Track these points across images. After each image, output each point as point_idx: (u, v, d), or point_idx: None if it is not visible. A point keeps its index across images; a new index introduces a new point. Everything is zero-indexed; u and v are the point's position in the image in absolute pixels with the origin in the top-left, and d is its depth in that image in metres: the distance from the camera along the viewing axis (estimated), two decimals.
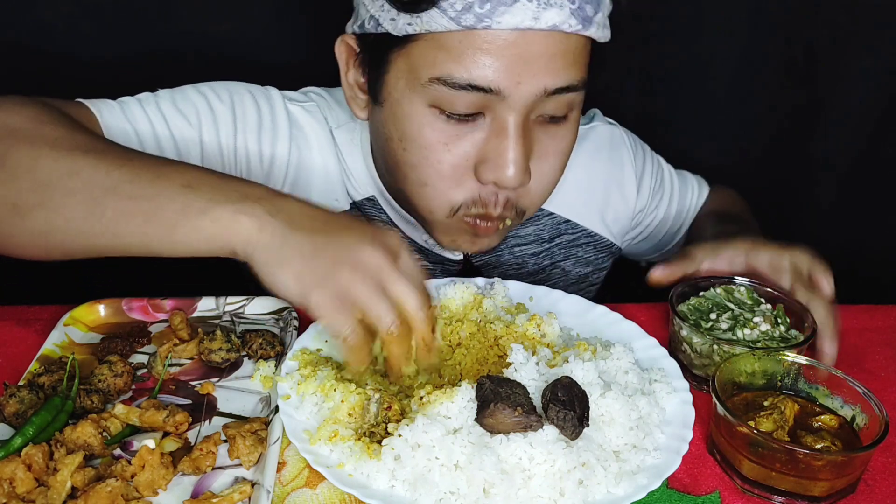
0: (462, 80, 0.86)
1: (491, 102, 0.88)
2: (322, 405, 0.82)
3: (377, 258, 0.73)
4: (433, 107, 0.89)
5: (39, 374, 0.86)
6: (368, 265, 0.73)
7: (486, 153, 0.91)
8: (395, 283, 0.73)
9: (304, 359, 0.89)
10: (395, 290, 0.73)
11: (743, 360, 0.85)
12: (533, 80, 0.86)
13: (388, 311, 0.73)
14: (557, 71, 0.87)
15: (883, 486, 0.79)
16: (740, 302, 0.98)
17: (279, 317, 1.03)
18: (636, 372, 0.86)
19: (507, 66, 0.85)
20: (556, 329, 0.94)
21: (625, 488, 0.73)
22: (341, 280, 0.71)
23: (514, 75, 0.85)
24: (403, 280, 0.74)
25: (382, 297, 0.73)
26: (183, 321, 0.96)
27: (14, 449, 0.76)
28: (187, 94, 1.04)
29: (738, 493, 0.78)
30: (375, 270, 0.73)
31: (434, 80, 0.87)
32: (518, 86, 0.86)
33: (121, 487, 0.71)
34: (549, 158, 0.96)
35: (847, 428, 0.81)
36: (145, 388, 0.90)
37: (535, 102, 0.89)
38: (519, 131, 0.89)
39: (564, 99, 0.91)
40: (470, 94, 0.87)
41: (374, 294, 0.72)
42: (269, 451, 0.77)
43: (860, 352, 1.01)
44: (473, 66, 0.85)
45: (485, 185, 0.93)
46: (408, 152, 0.93)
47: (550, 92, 0.88)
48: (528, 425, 0.74)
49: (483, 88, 0.86)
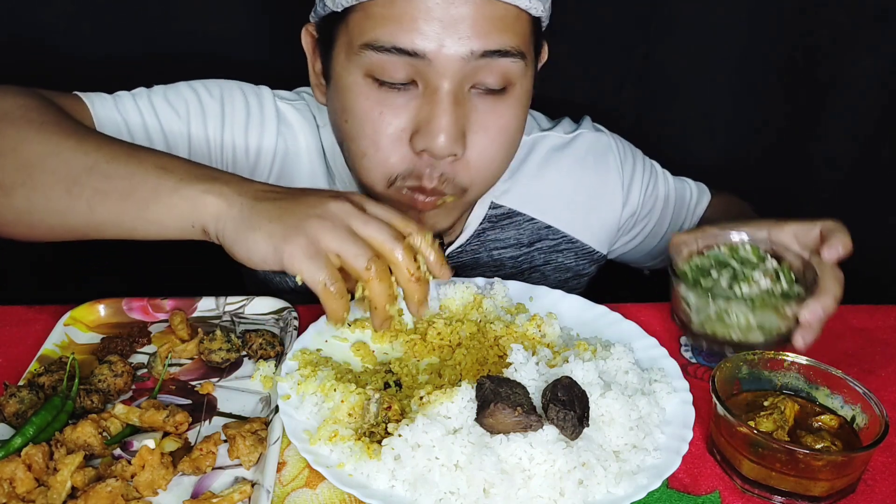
0: (388, 44, 0.88)
1: (421, 68, 0.89)
2: (322, 405, 0.82)
3: (343, 207, 0.76)
4: (367, 76, 0.92)
5: (39, 374, 0.86)
6: (336, 213, 0.75)
7: (419, 122, 0.92)
8: (365, 224, 0.75)
9: (304, 359, 0.89)
10: (366, 230, 0.75)
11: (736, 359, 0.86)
12: (458, 43, 0.88)
13: (362, 249, 0.74)
14: (485, 34, 0.88)
15: (883, 486, 0.79)
16: (745, 259, 0.95)
17: (279, 317, 1.03)
18: (636, 372, 0.86)
19: (431, 29, 0.87)
20: (556, 329, 0.95)
21: (625, 488, 0.73)
22: (310, 230, 0.73)
23: (438, 38, 0.87)
24: (372, 220, 0.76)
25: (354, 238, 0.74)
26: (183, 321, 0.96)
27: (14, 449, 0.76)
28: (179, 90, 1.08)
29: (738, 493, 0.78)
30: (343, 217, 0.75)
31: (364, 45, 0.90)
32: (442, 49, 0.87)
33: (121, 487, 0.71)
34: (489, 132, 0.95)
35: (847, 428, 0.81)
36: (145, 388, 0.90)
37: (464, 68, 0.89)
38: (450, 98, 0.90)
39: (498, 67, 0.91)
40: (398, 59, 0.89)
41: (344, 237, 0.74)
42: (269, 451, 0.77)
43: (860, 352, 1.01)
44: (398, 29, 0.87)
45: (420, 157, 0.94)
46: (348, 124, 0.96)
47: (479, 55, 0.89)
48: (528, 425, 0.74)
49: (407, 51, 0.88)
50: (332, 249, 0.74)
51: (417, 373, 0.90)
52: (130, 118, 1.02)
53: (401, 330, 0.97)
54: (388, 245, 0.75)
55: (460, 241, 1.19)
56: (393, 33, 0.87)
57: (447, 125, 0.90)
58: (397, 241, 0.76)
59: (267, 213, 0.75)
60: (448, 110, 0.90)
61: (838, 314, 1.07)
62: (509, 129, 0.98)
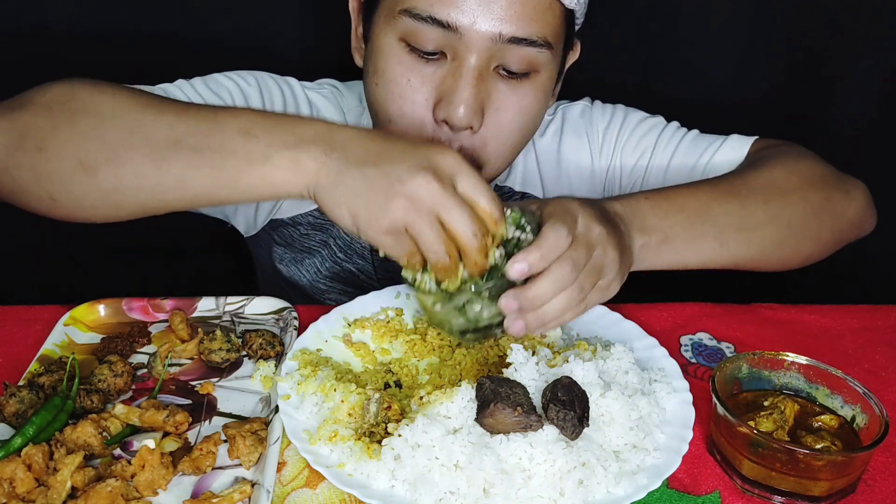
0: (424, 13, 0.92)
1: (451, 41, 0.93)
2: (322, 405, 0.82)
3: (430, 188, 0.73)
4: (402, 40, 0.95)
5: (39, 374, 0.86)
6: (422, 197, 0.73)
7: (443, 92, 0.95)
8: (449, 211, 0.74)
9: (304, 359, 0.89)
10: (449, 218, 0.74)
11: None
12: (489, 23, 0.91)
13: (438, 244, 0.74)
14: (515, 19, 0.92)
15: (883, 486, 0.79)
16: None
17: (279, 317, 1.03)
18: (636, 372, 0.86)
19: (467, 5, 0.91)
20: (557, 331, 0.95)
21: (625, 488, 0.73)
22: (395, 215, 0.73)
23: (472, 15, 0.91)
24: (457, 208, 0.74)
25: (434, 228, 0.74)
26: (183, 321, 0.96)
27: (14, 449, 0.76)
28: (217, 79, 1.11)
29: (738, 493, 0.78)
30: (428, 201, 0.73)
31: (403, 11, 0.94)
32: (474, 26, 0.91)
33: (121, 487, 0.71)
34: (508, 113, 0.98)
35: (847, 428, 0.81)
36: (145, 388, 0.90)
37: (492, 48, 0.93)
38: (475, 73, 0.94)
39: (524, 53, 0.94)
40: (431, 29, 0.92)
41: (424, 226, 0.74)
42: (269, 451, 0.77)
43: (860, 352, 1.01)
44: (437, 0, 0.91)
45: (440, 127, 0.97)
46: (378, 87, 0.99)
47: (507, 39, 0.92)
48: (528, 425, 0.74)
49: (442, 23, 0.92)
50: (412, 234, 0.75)
51: (417, 373, 0.91)
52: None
53: (401, 330, 0.98)
54: (465, 241, 0.75)
55: None
56: (431, 3, 0.92)
57: (468, 98, 0.93)
58: (475, 236, 0.75)
59: (353, 186, 0.75)
60: (471, 83, 0.94)
61: (838, 314, 1.08)
62: (527, 112, 1.00)
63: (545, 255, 0.76)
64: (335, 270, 1.24)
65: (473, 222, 0.74)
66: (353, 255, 1.23)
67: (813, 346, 1.01)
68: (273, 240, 1.25)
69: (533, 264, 0.75)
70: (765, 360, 0.86)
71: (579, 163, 1.24)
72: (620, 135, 1.22)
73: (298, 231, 1.23)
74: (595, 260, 0.79)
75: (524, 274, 0.76)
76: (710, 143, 1.16)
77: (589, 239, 0.79)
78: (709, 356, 1.00)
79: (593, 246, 0.79)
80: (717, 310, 1.09)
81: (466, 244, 0.75)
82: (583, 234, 0.79)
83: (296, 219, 1.22)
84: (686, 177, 1.17)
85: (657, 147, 1.19)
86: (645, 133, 1.21)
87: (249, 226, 1.26)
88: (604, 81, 1.40)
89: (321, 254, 1.24)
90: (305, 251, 1.24)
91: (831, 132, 1.61)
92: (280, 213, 1.22)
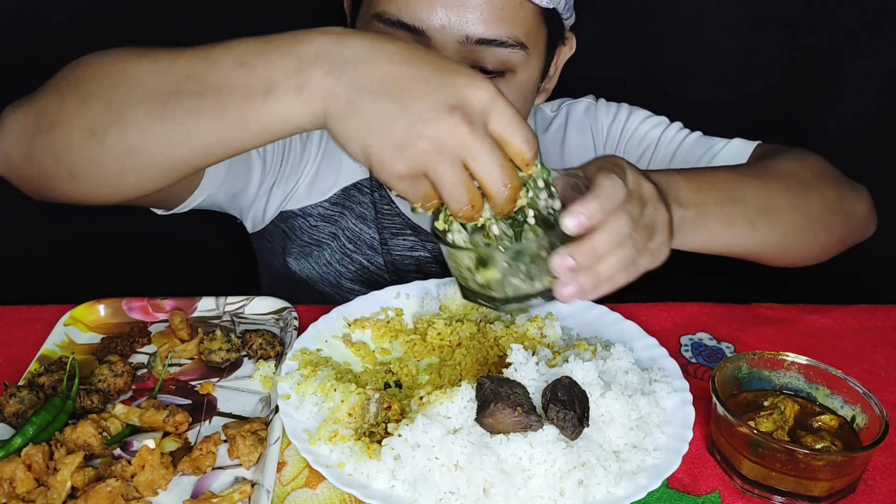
0: (393, 17, 0.92)
1: (422, 44, 0.92)
2: (322, 405, 0.82)
3: (458, 132, 0.64)
4: None
5: (39, 374, 0.86)
6: (447, 141, 0.64)
7: None
8: (477, 158, 0.65)
9: (304, 359, 0.89)
10: (477, 165, 0.66)
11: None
12: (457, 26, 0.92)
13: (463, 193, 0.67)
14: (483, 21, 0.92)
15: (883, 486, 0.79)
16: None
17: (279, 317, 1.03)
18: (636, 372, 0.86)
19: (434, 9, 0.91)
20: (557, 331, 0.95)
21: (625, 488, 0.73)
22: (414, 159, 0.65)
23: (439, 18, 0.91)
24: (488, 154, 0.65)
25: (458, 175, 0.66)
26: (183, 321, 0.96)
27: (14, 449, 0.76)
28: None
29: (738, 493, 0.78)
30: (455, 146, 0.65)
31: (374, 15, 0.94)
32: (443, 29, 0.92)
33: (121, 487, 0.71)
34: None
35: (847, 428, 0.81)
36: (145, 388, 0.90)
37: (462, 50, 0.93)
38: None
39: (496, 54, 0.95)
40: (402, 34, 0.92)
41: (448, 174, 0.66)
42: (269, 451, 0.77)
43: (860, 352, 1.01)
44: (405, 5, 0.92)
45: None
46: None
47: (476, 41, 0.93)
48: (528, 425, 0.74)
49: (410, 27, 0.92)
50: (432, 179, 0.67)
51: (417, 373, 0.91)
52: None
53: (401, 330, 0.98)
54: (494, 190, 0.67)
55: None
56: (399, 8, 0.92)
57: None
58: (505, 184, 0.67)
59: (367, 120, 0.66)
60: None
61: (838, 314, 1.08)
62: None
63: (604, 204, 0.69)
64: (345, 262, 1.24)
65: (504, 170, 0.67)
66: (362, 245, 1.23)
67: (813, 346, 1.01)
68: (282, 232, 1.25)
69: (592, 215, 0.68)
70: (765, 360, 0.86)
71: (583, 159, 1.24)
72: (624, 132, 1.23)
73: (308, 223, 1.23)
74: (647, 217, 0.73)
75: (582, 227, 0.68)
76: (713, 145, 1.16)
77: (641, 194, 0.73)
78: (709, 356, 1.00)
79: (645, 202, 0.74)
80: (717, 310, 1.09)
81: (495, 194, 0.67)
82: (635, 190, 0.73)
83: (305, 210, 1.22)
84: None
85: (660, 145, 1.20)
86: (648, 131, 1.21)
87: (257, 220, 1.26)
88: (602, 81, 1.40)
89: (331, 246, 1.24)
90: (314, 243, 1.24)
91: (830, 132, 1.60)
92: (290, 204, 1.22)
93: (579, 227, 0.68)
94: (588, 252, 0.69)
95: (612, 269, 0.71)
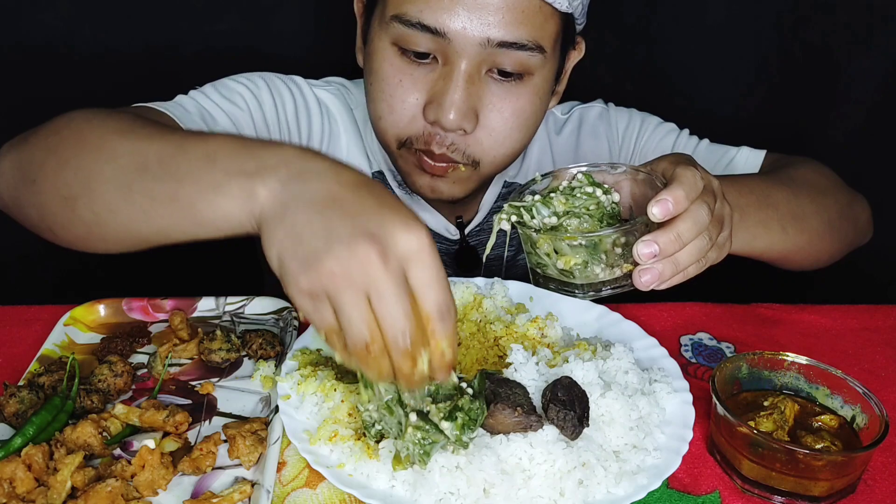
0: (413, 19, 0.93)
1: (442, 46, 0.94)
2: (322, 405, 0.82)
3: (366, 262, 0.60)
4: (394, 44, 0.97)
5: (39, 374, 0.86)
6: (352, 269, 0.61)
7: (434, 95, 0.97)
8: (380, 297, 0.61)
9: (304, 359, 0.89)
10: (378, 306, 0.62)
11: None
12: (478, 28, 0.92)
13: (360, 328, 0.62)
14: (504, 25, 0.93)
15: (883, 486, 0.79)
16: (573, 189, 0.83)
17: (279, 317, 1.03)
18: (636, 372, 0.86)
19: (455, 12, 0.92)
20: (557, 331, 0.95)
21: (625, 488, 0.73)
22: (318, 277, 0.62)
23: (461, 21, 0.92)
24: (392, 296, 0.61)
25: (359, 309, 0.62)
26: (183, 321, 0.96)
27: (14, 449, 0.76)
28: (228, 85, 1.11)
29: (738, 493, 0.78)
30: (361, 275, 0.61)
31: (393, 17, 0.95)
32: (464, 31, 0.92)
33: (121, 487, 0.71)
34: (503, 113, 1.00)
35: (847, 428, 0.81)
36: (145, 388, 0.90)
37: (482, 53, 0.94)
38: (465, 77, 0.95)
39: (515, 57, 0.95)
40: (422, 35, 0.94)
41: (348, 303, 0.62)
42: (269, 451, 0.77)
43: (860, 352, 1.01)
44: (426, 7, 0.93)
45: (432, 126, 0.98)
46: (372, 86, 1.02)
47: (496, 44, 0.93)
48: (528, 425, 0.74)
49: (431, 29, 0.93)
50: (333, 306, 0.63)
51: None
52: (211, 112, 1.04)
53: None
54: (389, 336, 0.63)
55: (477, 219, 1.23)
56: (420, 10, 0.93)
57: (458, 101, 0.95)
58: (403, 335, 0.62)
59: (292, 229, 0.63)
60: (461, 87, 0.95)
61: (838, 314, 1.08)
62: (522, 114, 1.01)
63: (688, 193, 0.72)
64: None
65: (406, 319, 0.62)
66: None
67: (813, 346, 1.01)
68: None
69: (678, 202, 0.71)
70: (765, 360, 0.87)
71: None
72: (640, 137, 1.25)
73: None
74: (718, 210, 0.76)
75: (668, 214, 0.71)
76: (725, 152, 1.21)
77: (712, 188, 0.77)
78: (709, 356, 1.00)
79: (716, 195, 0.77)
80: (717, 310, 1.09)
81: (390, 343, 0.62)
82: (707, 184, 0.76)
83: None
84: None
85: (675, 150, 1.22)
86: (662, 137, 1.24)
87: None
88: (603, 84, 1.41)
89: None
90: None
91: (830, 133, 1.61)
92: None
93: (666, 213, 0.71)
94: (673, 238, 0.72)
95: (690, 258, 0.73)
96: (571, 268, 0.77)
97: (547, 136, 1.26)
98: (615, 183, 0.83)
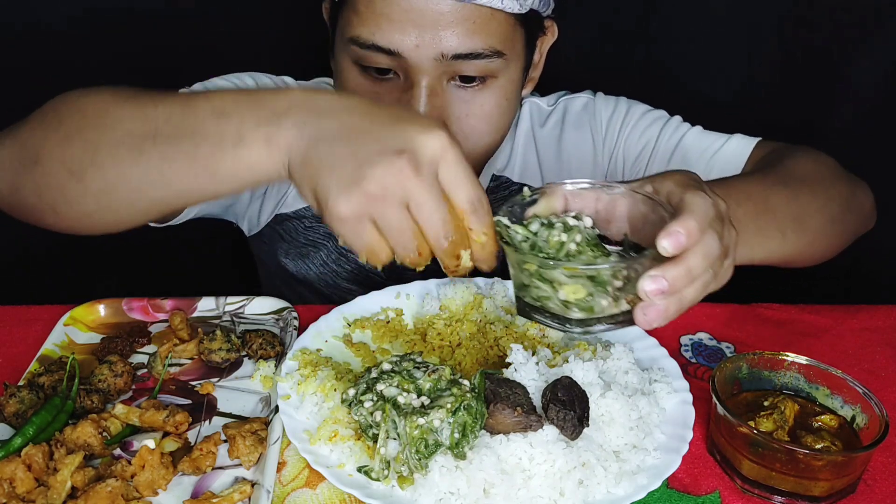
0: (367, 42, 0.94)
1: (400, 63, 0.95)
2: (322, 405, 0.82)
3: (402, 175, 0.64)
4: (355, 63, 0.99)
5: (39, 374, 0.86)
6: (390, 184, 0.64)
7: None
8: (420, 205, 0.65)
9: (304, 359, 0.89)
10: (418, 213, 0.66)
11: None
12: (432, 44, 0.93)
13: (408, 238, 0.66)
14: (457, 37, 0.93)
15: (883, 486, 0.79)
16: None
17: (279, 317, 1.03)
18: (636, 372, 0.86)
19: (407, 31, 0.92)
20: (558, 332, 0.95)
21: (625, 488, 0.73)
22: (356, 201, 0.65)
23: (413, 39, 0.92)
24: (430, 202, 0.65)
25: (402, 221, 0.65)
26: (183, 321, 0.96)
27: (14, 449, 0.76)
28: (216, 83, 1.11)
29: (738, 493, 0.78)
30: (398, 190, 0.64)
31: (349, 39, 0.96)
32: (417, 49, 0.93)
33: (121, 487, 0.71)
34: (471, 119, 1.01)
35: (847, 428, 0.81)
36: (145, 388, 0.90)
37: (440, 66, 0.95)
38: (426, 91, 0.96)
39: (475, 65, 0.96)
40: (377, 55, 0.95)
41: (392, 219, 0.65)
42: (269, 451, 0.77)
43: (860, 352, 1.01)
44: (377, 29, 0.93)
45: None
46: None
47: (451, 57, 0.94)
48: (528, 425, 0.74)
49: (385, 50, 0.94)
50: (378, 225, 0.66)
51: None
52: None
53: (401, 330, 0.98)
54: (432, 240, 0.67)
55: None
56: (373, 32, 0.93)
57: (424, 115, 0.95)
58: (445, 238, 0.67)
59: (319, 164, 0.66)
60: (424, 101, 0.96)
61: (838, 314, 1.08)
62: (490, 117, 1.02)
63: (700, 224, 0.65)
64: (341, 262, 1.24)
65: (446, 222, 0.66)
66: None
67: (813, 346, 1.01)
68: (278, 235, 1.25)
69: (691, 235, 0.64)
70: (765, 360, 0.86)
71: (581, 154, 1.25)
72: (624, 126, 1.23)
73: (303, 224, 1.23)
74: (726, 237, 0.69)
75: (680, 248, 0.64)
76: (715, 140, 1.16)
77: (720, 212, 0.70)
78: (709, 356, 1.00)
79: (724, 221, 0.70)
80: (716, 310, 1.09)
81: (434, 246, 0.67)
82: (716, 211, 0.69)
83: (299, 212, 1.23)
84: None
85: (661, 138, 1.19)
86: (649, 125, 1.21)
87: (253, 224, 1.26)
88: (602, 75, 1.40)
89: (326, 246, 1.24)
90: (311, 244, 1.24)
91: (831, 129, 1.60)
92: (284, 207, 1.23)
93: (678, 247, 0.64)
94: (683, 273, 0.65)
95: (696, 295, 0.67)
96: (575, 301, 0.69)
97: (531, 129, 1.26)
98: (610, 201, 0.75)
